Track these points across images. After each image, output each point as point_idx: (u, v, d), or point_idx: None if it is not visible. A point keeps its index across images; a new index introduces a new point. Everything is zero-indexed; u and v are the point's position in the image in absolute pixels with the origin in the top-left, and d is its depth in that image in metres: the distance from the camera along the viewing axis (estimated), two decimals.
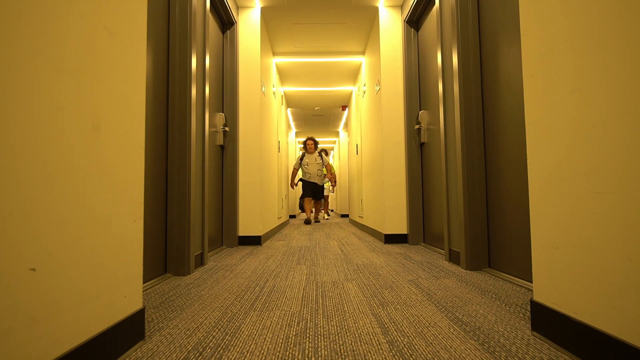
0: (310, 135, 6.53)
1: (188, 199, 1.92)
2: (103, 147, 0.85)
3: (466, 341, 0.98)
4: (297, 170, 6.21)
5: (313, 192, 6.07)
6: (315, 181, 6.03)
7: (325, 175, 6.46)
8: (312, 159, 6.01)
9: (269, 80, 4.02)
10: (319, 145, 6.51)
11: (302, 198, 7.84)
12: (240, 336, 1.03)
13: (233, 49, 3.12)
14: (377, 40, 3.43)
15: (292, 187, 6.27)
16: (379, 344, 0.97)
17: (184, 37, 1.98)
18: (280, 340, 1.00)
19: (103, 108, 0.85)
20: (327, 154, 7.19)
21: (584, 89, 0.84)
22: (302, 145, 6.36)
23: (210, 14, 2.55)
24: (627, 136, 0.73)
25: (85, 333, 0.78)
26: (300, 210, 9.04)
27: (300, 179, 6.21)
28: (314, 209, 6.81)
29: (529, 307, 1.25)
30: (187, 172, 1.93)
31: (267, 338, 1.02)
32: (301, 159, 6.14)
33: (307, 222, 5.91)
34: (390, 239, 3.11)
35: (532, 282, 1.30)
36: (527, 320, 1.13)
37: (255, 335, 1.04)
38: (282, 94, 5.67)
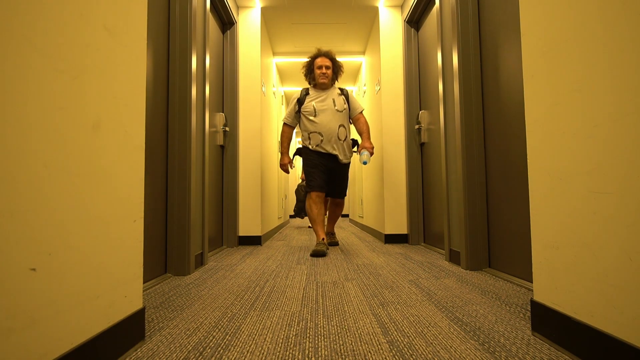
0: (325, 50, 2.75)
1: (188, 199, 1.92)
2: (103, 147, 0.85)
3: (466, 341, 0.98)
4: (292, 129, 2.81)
5: (328, 179, 2.64)
6: (335, 153, 2.61)
7: (355, 142, 2.83)
8: (327, 101, 2.65)
9: (269, 80, 4.02)
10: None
11: (305, 192, 2.80)
12: (241, 336, 1.03)
13: (233, 49, 3.12)
14: (377, 40, 3.43)
15: (283, 168, 2.83)
16: (379, 344, 0.97)
17: (184, 37, 1.98)
18: (281, 340, 1.00)
19: (103, 108, 0.85)
20: None
21: (585, 89, 0.84)
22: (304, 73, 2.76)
23: (210, 14, 2.55)
24: (628, 136, 0.73)
25: (85, 333, 0.78)
26: (297, 215, 4.71)
27: (298, 151, 2.83)
28: (327, 217, 3.02)
29: (529, 307, 1.25)
30: (187, 172, 1.93)
31: (267, 338, 1.02)
32: (300, 101, 2.72)
33: (320, 253, 2.39)
34: (391, 239, 3.11)
35: (532, 282, 1.29)
36: (527, 320, 1.13)
37: (256, 335, 1.04)
38: (282, 94, 5.67)
